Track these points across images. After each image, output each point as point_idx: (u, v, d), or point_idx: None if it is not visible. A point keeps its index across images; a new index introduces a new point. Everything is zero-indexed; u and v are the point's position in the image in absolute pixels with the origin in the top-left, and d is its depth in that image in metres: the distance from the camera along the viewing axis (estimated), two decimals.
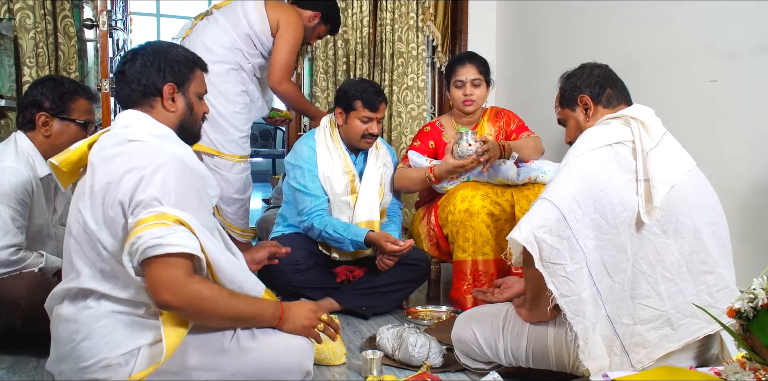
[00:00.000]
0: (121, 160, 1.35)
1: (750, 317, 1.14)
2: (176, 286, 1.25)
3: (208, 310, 1.29)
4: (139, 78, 1.47)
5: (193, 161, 1.44)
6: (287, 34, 2.69)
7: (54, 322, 1.42)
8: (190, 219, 1.30)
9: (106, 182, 1.33)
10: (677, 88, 2.60)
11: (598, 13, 3.09)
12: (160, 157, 1.35)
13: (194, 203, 1.35)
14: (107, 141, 1.41)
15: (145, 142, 1.40)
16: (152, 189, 1.29)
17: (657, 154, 1.53)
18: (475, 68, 2.53)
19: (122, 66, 1.49)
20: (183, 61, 1.52)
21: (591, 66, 1.74)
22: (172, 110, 1.50)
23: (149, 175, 1.30)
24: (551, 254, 1.42)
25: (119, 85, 1.49)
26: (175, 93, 1.50)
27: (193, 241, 1.28)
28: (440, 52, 3.92)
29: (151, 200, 1.28)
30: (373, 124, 2.41)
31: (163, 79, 1.48)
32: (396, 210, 2.63)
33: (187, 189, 1.35)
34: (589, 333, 1.45)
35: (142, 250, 1.23)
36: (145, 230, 1.24)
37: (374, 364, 1.71)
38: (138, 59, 1.48)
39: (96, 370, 1.33)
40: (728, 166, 2.35)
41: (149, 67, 1.47)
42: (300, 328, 1.45)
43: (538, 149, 2.51)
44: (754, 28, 2.28)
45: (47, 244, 2.03)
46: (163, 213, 1.27)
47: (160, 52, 1.50)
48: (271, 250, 1.83)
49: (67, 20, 3.10)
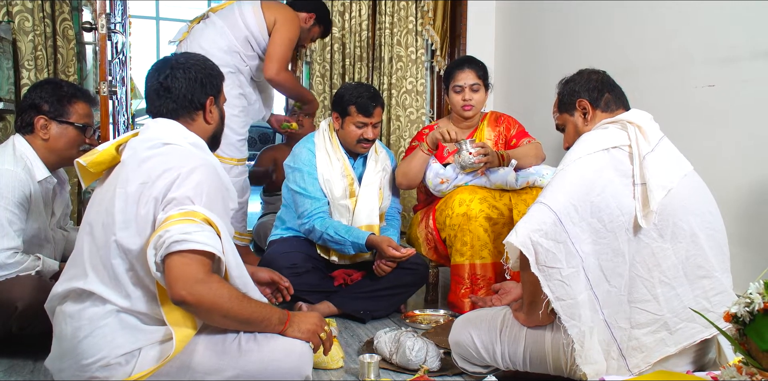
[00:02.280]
0: (156, 160, 1.39)
1: (746, 322, 1.14)
2: (196, 282, 1.27)
3: (223, 310, 1.31)
4: (184, 93, 1.51)
5: (222, 172, 1.48)
6: (283, 28, 2.70)
7: (57, 319, 1.43)
8: (218, 221, 1.34)
9: (141, 182, 1.37)
10: (676, 93, 2.61)
11: (597, 19, 3.10)
12: (196, 161, 1.40)
13: (221, 208, 1.39)
14: (141, 145, 1.44)
15: (181, 146, 1.45)
16: (186, 188, 1.33)
17: (654, 158, 1.53)
18: (473, 73, 2.53)
19: (165, 80, 1.51)
20: (216, 74, 1.58)
21: (589, 71, 1.75)
22: (211, 122, 1.57)
23: (185, 174, 1.35)
24: (547, 258, 1.42)
25: (162, 100, 1.52)
26: (212, 105, 1.56)
27: (217, 242, 1.31)
28: (439, 55, 3.93)
29: (183, 198, 1.32)
30: (368, 129, 2.41)
31: (205, 94, 1.54)
32: (394, 214, 2.63)
33: (216, 193, 1.39)
34: (585, 337, 1.45)
35: (169, 244, 1.26)
36: (174, 225, 1.28)
37: (371, 367, 1.71)
38: (179, 73, 1.52)
39: (96, 369, 1.34)
40: (726, 171, 2.35)
41: (194, 82, 1.52)
42: (305, 330, 1.46)
43: (539, 156, 2.52)
44: (752, 33, 2.29)
45: (44, 247, 2.03)
46: (193, 211, 1.31)
47: (199, 66, 1.55)
48: (274, 277, 1.83)
49: (66, 23, 3.11)
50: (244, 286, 1.41)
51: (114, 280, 1.36)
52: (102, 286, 1.36)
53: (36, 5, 2.96)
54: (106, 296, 1.36)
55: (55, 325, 1.43)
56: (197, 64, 1.55)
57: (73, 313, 1.38)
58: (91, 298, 1.37)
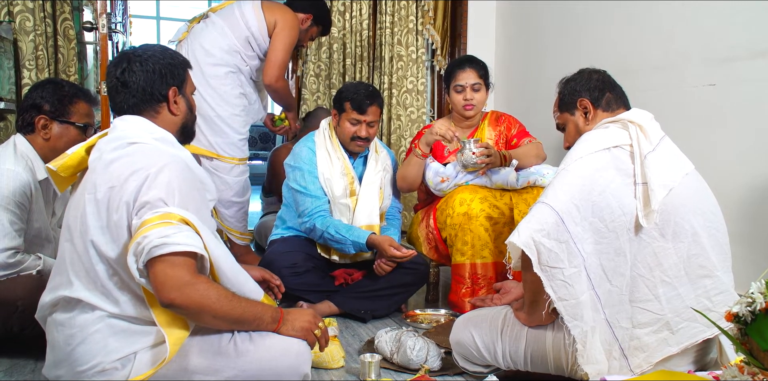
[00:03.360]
0: (122, 162, 1.35)
1: (748, 321, 1.14)
2: (182, 285, 1.25)
3: (213, 310, 1.29)
4: (143, 86, 1.46)
5: (194, 164, 1.45)
6: (283, 32, 2.71)
7: (49, 328, 1.42)
8: (194, 219, 1.31)
9: (110, 187, 1.33)
10: (676, 93, 2.61)
11: (597, 18, 3.10)
12: (163, 158, 1.36)
13: (197, 204, 1.37)
14: (106, 146, 1.40)
15: (147, 144, 1.40)
16: (157, 189, 1.30)
17: (655, 157, 1.53)
18: (475, 72, 2.53)
19: (121, 75, 1.46)
20: (177, 63, 1.52)
21: (589, 71, 1.75)
22: (177, 113, 1.52)
23: (153, 175, 1.31)
24: (549, 258, 1.42)
25: (121, 95, 1.47)
26: (176, 95, 1.51)
27: (197, 241, 1.29)
28: (439, 55, 3.93)
29: (156, 201, 1.29)
30: (362, 126, 2.41)
31: (166, 85, 1.48)
32: (395, 213, 2.63)
33: (190, 189, 1.36)
34: (587, 337, 1.45)
35: (149, 250, 1.23)
36: (151, 230, 1.25)
37: (372, 367, 1.71)
38: (136, 66, 1.46)
39: (92, 375, 1.34)
40: (726, 170, 2.35)
41: (151, 74, 1.46)
42: (299, 328, 1.44)
43: (539, 156, 2.51)
44: (751, 32, 2.29)
45: (45, 247, 2.03)
46: (168, 213, 1.28)
47: (157, 56, 1.49)
48: (265, 275, 1.80)
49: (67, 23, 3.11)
50: (238, 280, 1.40)
51: (100, 287, 1.34)
52: (88, 292, 1.35)
53: (37, 5, 2.96)
54: (93, 303, 1.34)
55: (48, 333, 1.42)
56: (155, 55, 1.48)
57: (63, 321, 1.37)
58: (80, 306, 1.36)
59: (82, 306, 1.36)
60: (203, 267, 1.33)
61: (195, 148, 2.64)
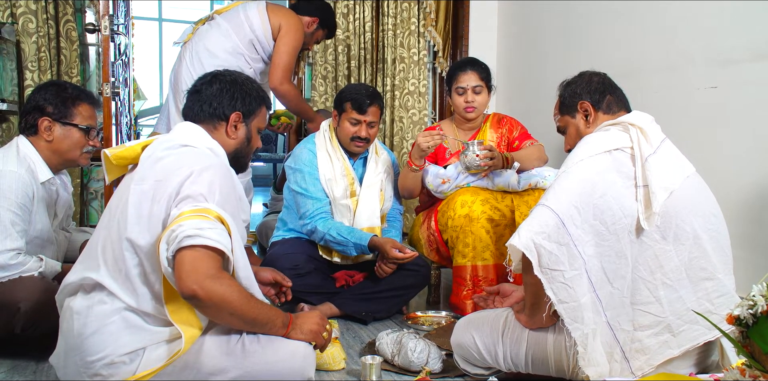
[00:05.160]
0: (171, 159, 1.42)
1: (750, 324, 1.14)
2: (208, 277, 1.27)
3: (232, 307, 1.31)
4: (212, 100, 1.56)
5: (237, 181, 1.50)
6: (288, 36, 2.71)
7: (64, 315, 1.44)
8: (230, 220, 1.35)
9: (156, 180, 1.39)
10: (677, 95, 2.61)
11: (599, 20, 3.10)
12: (210, 160, 1.43)
13: (233, 210, 1.40)
14: (160, 145, 1.47)
15: (197, 148, 1.47)
16: (199, 185, 1.35)
17: (656, 160, 1.53)
18: (476, 74, 2.53)
19: (199, 86, 1.58)
20: (255, 96, 1.61)
21: (590, 74, 1.75)
22: (233, 137, 1.59)
23: (198, 172, 1.37)
24: (550, 260, 1.42)
25: (191, 102, 1.57)
26: (239, 122, 1.59)
27: (228, 241, 1.32)
28: (441, 57, 3.93)
29: (197, 195, 1.34)
30: (362, 127, 2.41)
31: (233, 107, 1.57)
32: (396, 215, 2.63)
33: (229, 193, 1.41)
34: (588, 339, 1.45)
35: (181, 238, 1.26)
36: (187, 220, 1.29)
37: (373, 369, 1.71)
38: (216, 83, 1.57)
39: (100, 367, 1.35)
40: (728, 172, 2.35)
41: (224, 93, 1.57)
42: (308, 332, 1.46)
43: (541, 159, 2.51)
44: (753, 34, 2.28)
45: (47, 248, 2.03)
46: (206, 208, 1.32)
47: (238, 82, 1.60)
48: (277, 277, 1.81)
49: (70, 24, 3.12)
50: (250, 288, 1.42)
51: (123, 276, 1.37)
52: (112, 280, 1.37)
53: (39, 7, 2.97)
54: (114, 291, 1.37)
55: (62, 320, 1.44)
56: (237, 80, 1.60)
57: (80, 309, 1.39)
58: (101, 294, 1.38)
59: (103, 294, 1.38)
60: (227, 269, 1.36)
61: None
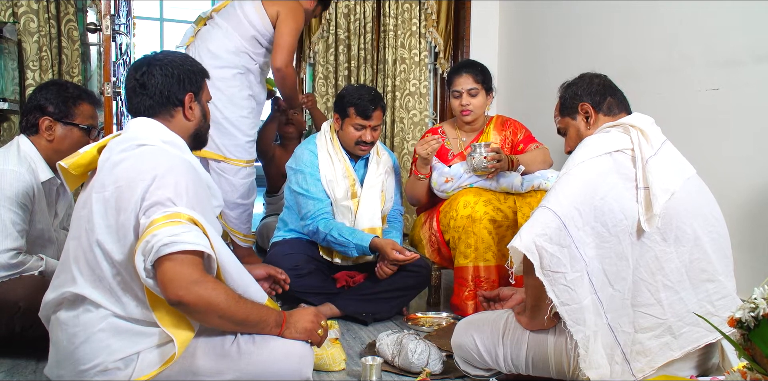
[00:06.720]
0: (130, 163, 1.37)
1: (751, 327, 1.13)
2: (191, 283, 1.25)
3: (219, 310, 1.29)
4: (161, 89, 1.49)
5: (201, 169, 1.47)
6: (288, 18, 2.71)
7: (53, 327, 1.42)
8: (202, 219, 1.32)
9: (117, 186, 1.34)
10: (679, 96, 2.61)
11: (601, 21, 3.10)
12: (170, 160, 1.38)
13: (204, 206, 1.38)
14: (116, 146, 1.42)
15: (155, 146, 1.42)
16: (165, 189, 1.31)
17: (656, 161, 1.53)
18: (471, 77, 2.53)
19: (141, 77, 1.49)
20: (196, 71, 1.57)
21: (590, 75, 1.75)
22: (191, 119, 1.55)
23: (161, 175, 1.32)
24: (552, 262, 1.42)
25: (138, 97, 1.50)
26: (193, 102, 1.54)
27: (206, 241, 1.30)
28: (442, 58, 3.93)
29: (164, 200, 1.30)
30: (367, 131, 2.41)
31: (183, 90, 1.52)
32: (396, 216, 2.63)
33: (197, 191, 1.37)
34: (590, 341, 1.44)
35: (158, 248, 1.24)
36: (159, 229, 1.26)
37: (374, 370, 1.71)
38: (156, 71, 1.50)
39: (94, 374, 1.34)
40: (729, 174, 2.35)
41: (170, 78, 1.50)
42: (302, 330, 1.44)
43: (546, 162, 2.52)
44: (754, 36, 2.29)
45: (48, 247, 2.03)
46: (176, 212, 1.29)
47: (177, 62, 1.53)
48: (270, 271, 1.80)
49: (71, 24, 3.12)
50: (243, 282, 1.40)
51: (106, 285, 1.35)
52: (92, 290, 1.35)
53: (41, 6, 2.97)
54: (97, 301, 1.34)
55: (51, 332, 1.42)
56: (175, 60, 1.53)
57: (67, 320, 1.37)
58: (84, 304, 1.36)
59: (87, 304, 1.36)
60: (210, 267, 1.34)
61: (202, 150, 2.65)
